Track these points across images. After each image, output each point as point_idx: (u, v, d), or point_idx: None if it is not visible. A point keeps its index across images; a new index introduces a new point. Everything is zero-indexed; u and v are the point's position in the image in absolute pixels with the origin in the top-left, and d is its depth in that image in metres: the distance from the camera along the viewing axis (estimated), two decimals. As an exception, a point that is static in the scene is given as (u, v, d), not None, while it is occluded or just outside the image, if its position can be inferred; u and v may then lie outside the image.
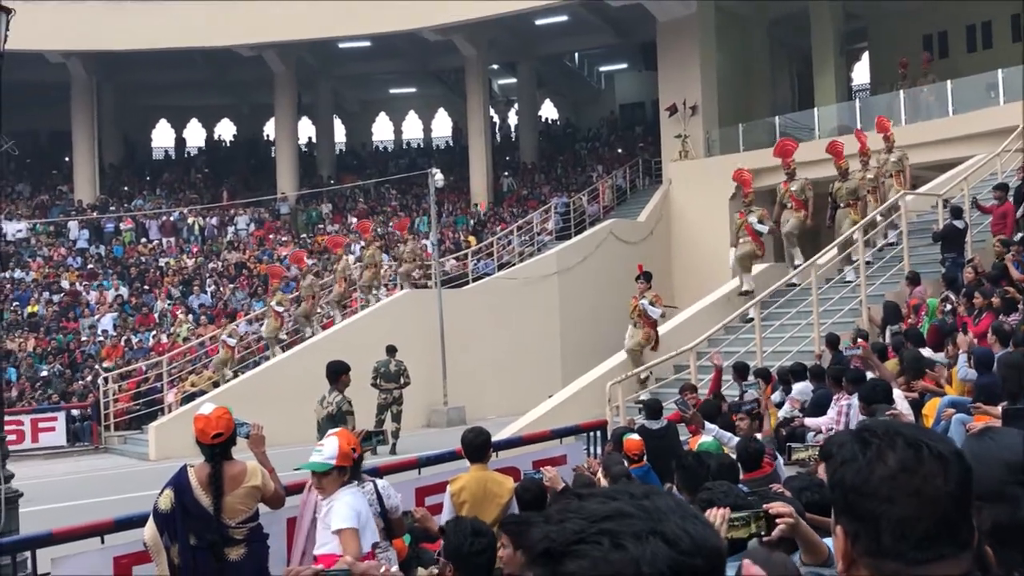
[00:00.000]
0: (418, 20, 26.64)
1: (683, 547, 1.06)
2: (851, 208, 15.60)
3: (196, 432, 5.20)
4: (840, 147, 16.38)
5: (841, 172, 15.85)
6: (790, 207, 16.00)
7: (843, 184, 15.84)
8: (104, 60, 29.38)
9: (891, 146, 16.19)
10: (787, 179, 16.19)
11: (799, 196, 15.96)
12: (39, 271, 26.30)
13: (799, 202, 15.94)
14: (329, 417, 9.15)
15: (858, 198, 15.74)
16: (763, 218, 15.78)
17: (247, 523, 5.25)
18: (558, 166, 31.71)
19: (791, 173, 16.09)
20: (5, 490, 8.12)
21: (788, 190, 16.09)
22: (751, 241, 15.69)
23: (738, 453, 6.15)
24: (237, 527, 5.20)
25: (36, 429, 20.20)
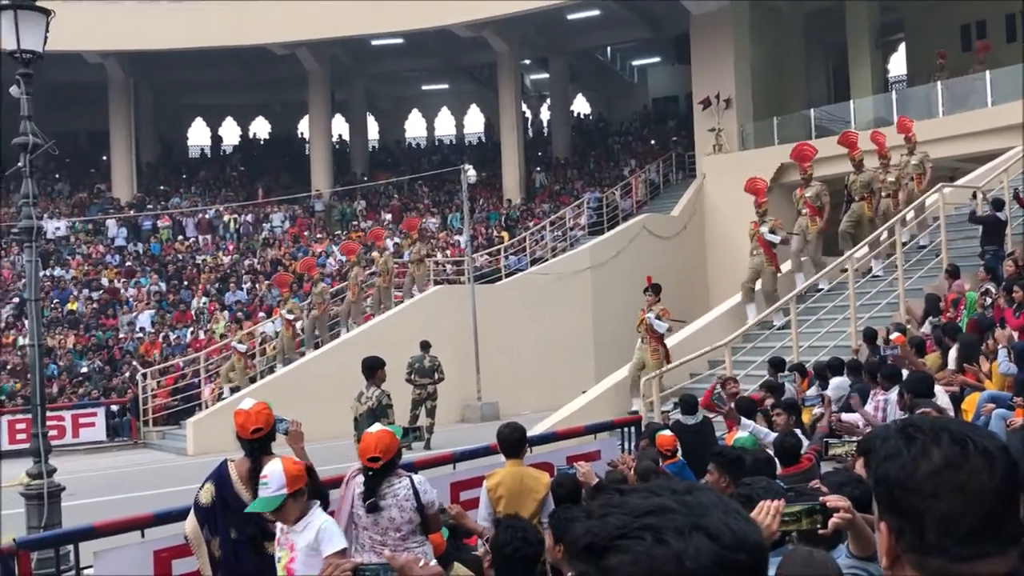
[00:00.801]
0: (450, 17, 26.69)
1: (726, 542, 1.05)
2: (866, 202, 15.31)
3: (236, 427, 5.24)
4: (854, 138, 16.11)
5: (855, 164, 15.56)
6: (804, 214, 15.46)
7: (857, 177, 15.53)
8: (141, 60, 29.72)
9: (912, 147, 15.81)
10: (803, 184, 15.71)
11: (814, 202, 15.39)
12: (78, 269, 26.68)
13: (814, 208, 15.36)
14: (369, 411, 9.19)
15: (872, 191, 15.42)
16: (776, 228, 15.12)
17: None
18: (591, 161, 31.63)
19: (807, 178, 15.64)
20: (48, 484, 8.26)
21: (803, 196, 15.58)
22: (763, 253, 15.01)
23: (775, 448, 6.11)
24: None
25: (76, 424, 20.51)
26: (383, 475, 5.03)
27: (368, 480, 5.02)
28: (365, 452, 5.03)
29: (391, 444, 5.02)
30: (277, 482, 4.33)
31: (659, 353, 13.48)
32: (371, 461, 5.01)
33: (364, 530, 5.09)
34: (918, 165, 15.64)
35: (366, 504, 5.01)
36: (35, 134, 8.67)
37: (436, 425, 16.75)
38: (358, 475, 5.19)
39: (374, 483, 5.02)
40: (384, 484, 5.02)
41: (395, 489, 5.03)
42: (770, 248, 14.95)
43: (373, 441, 5.03)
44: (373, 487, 5.01)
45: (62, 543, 6.61)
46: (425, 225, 28.36)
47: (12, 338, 23.65)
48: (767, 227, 14.97)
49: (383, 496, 5.00)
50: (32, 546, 6.27)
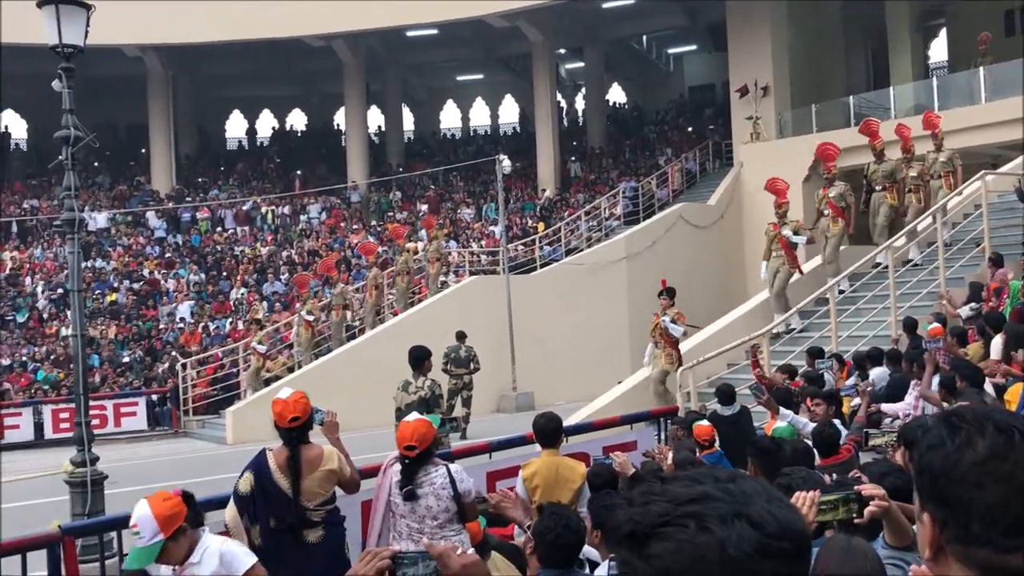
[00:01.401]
0: (484, 7, 26.67)
1: (769, 530, 1.05)
2: (887, 192, 14.91)
3: (274, 416, 5.29)
4: (875, 127, 15.70)
5: (876, 153, 15.17)
6: (827, 214, 14.94)
7: (878, 166, 15.11)
8: (179, 53, 30.01)
9: (940, 144, 15.21)
10: (826, 184, 15.23)
11: (838, 203, 14.84)
12: (119, 260, 27.04)
13: (837, 209, 14.81)
14: (421, 401, 9.20)
15: (895, 181, 14.97)
16: (799, 229, 14.65)
17: (324, 506, 5.34)
18: (626, 150, 31.49)
19: (831, 178, 15.16)
20: (91, 472, 8.40)
21: (826, 196, 15.01)
22: (784, 255, 14.50)
23: (813, 438, 6.05)
24: (315, 510, 5.29)
25: (118, 414, 20.82)
26: (420, 463, 5.07)
27: (405, 468, 5.06)
28: (402, 440, 5.06)
29: (427, 433, 5.06)
30: (149, 529, 3.89)
31: (673, 357, 13.10)
32: (407, 449, 5.04)
33: (401, 518, 5.13)
34: (947, 163, 15.03)
35: (403, 492, 5.04)
36: (76, 127, 8.79)
37: (472, 415, 16.80)
38: (395, 464, 5.22)
39: (411, 471, 5.05)
40: (421, 472, 5.05)
41: (432, 477, 5.07)
42: (791, 250, 14.53)
43: (410, 430, 5.06)
44: (410, 475, 5.04)
45: (106, 530, 6.72)
46: (460, 215, 28.45)
47: (55, 328, 24.04)
48: (789, 229, 14.53)
49: (420, 484, 5.03)
50: (77, 532, 6.38)
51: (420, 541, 4.87)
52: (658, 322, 13.23)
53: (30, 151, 34.18)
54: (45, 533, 5.85)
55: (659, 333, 13.24)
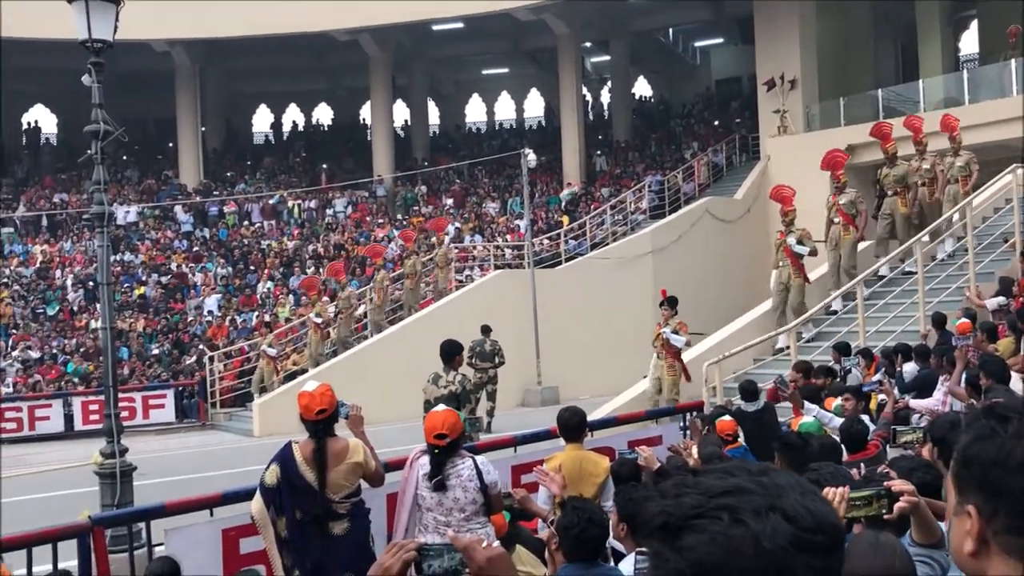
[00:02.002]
0: (511, 0, 26.63)
1: (804, 524, 1.05)
2: (899, 197, 14.55)
3: (300, 408, 5.32)
4: (887, 129, 15.28)
5: (888, 157, 14.80)
6: (838, 222, 14.44)
7: (890, 171, 14.72)
8: (206, 48, 30.19)
9: (958, 148, 14.80)
10: (836, 191, 14.62)
11: (848, 210, 14.34)
12: (147, 254, 27.29)
13: (848, 217, 14.33)
14: (452, 395, 9.23)
15: (907, 186, 14.58)
16: (804, 238, 14.07)
17: (350, 498, 5.37)
18: (652, 144, 31.37)
19: (841, 185, 14.63)
20: (120, 464, 8.49)
21: (836, 203, 14.48)
22: (790, 265, 14.05)
23: (841, 434, 6.01)
24: (340, 502, 5.32)
25: (147, 406, 21.02)
26: (449, 454, 5.09)
27: (435, 458, 5.08)
28: (432, 430, 5.08)
29: (456, 423, 5.09)
30: None
31: (675, 369, 12.82)
32: (438, 438, 5.06)
33: (428, 511, 5.14)
34: (964, 167, 14.58)
35: (432, 483, 5.06)
36: (106, 122, 8.87)
37: (496, 409, 16.83)
38: (422, 456, 5.24)
39: (441, 461, 5.07)
40: (448, 464, 5.07)
41: (459, 469, 5.09)
42: (797, 259, 14.05)
43: (440, 419, 5.09)
44: (440, 465, 5.06)
45: (135, 520, 6.79)
46: (485, 210, 28.46)
47: (84, 322, 24.30)
48: (794, 237, 14.00)
49: (447, 476, 5.05)
50: (107, 523, 6.45)
51: (446, 533, 4.89)
52: (660, 332, 12.91)
53: (60, 145, 34.54)
54: (75, 523, 5.92)
55: (661, 344, 12.93)
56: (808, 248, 14.01)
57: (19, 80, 33.02)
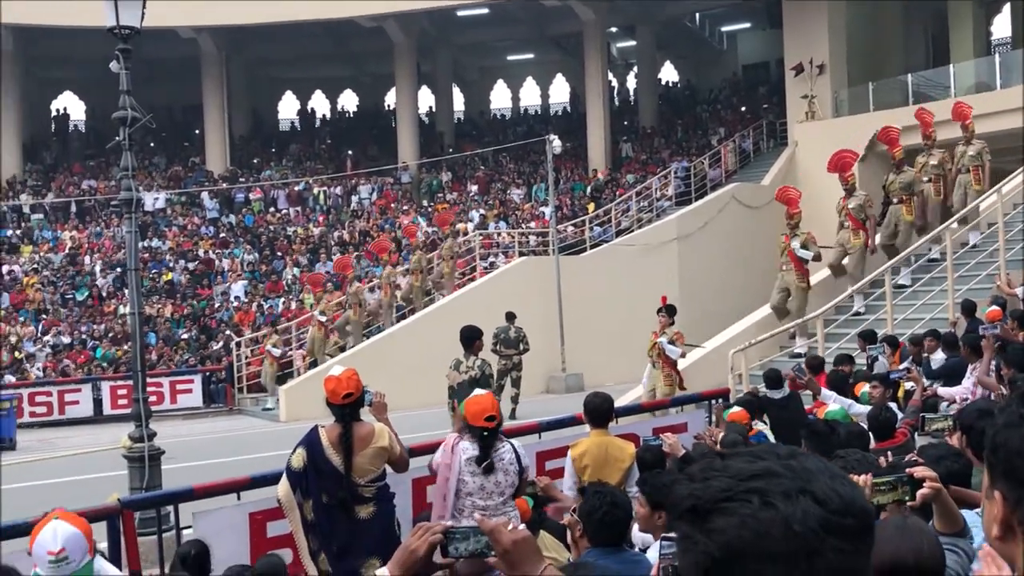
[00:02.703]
0: (536, -15, 26.53)
1: (833, 507, 1.04)
2: (904, 204, 14.22)
3: (327, 393, 5.35)
4: (894, 134, 14.79)
5: (895, 163, 14.43)
6: (847, 226, 14.17)
7: (896, 177, 14.34)
8: (232, 34, 30.30)
9: (970, 137, 14.53)
10: (845, 194, 14.31)
11: (858, 215, 14.04)
12: (175, 240, 27.49)
13: (858, 222, 14.03)
14: (472, 381, 9.26)
15: (913, 193, 14.24)
16: (808, 242, 13.75)
17: (375, 482, 5.40)
18: (678, 130, 31.19)
19: (850, 188, 14.29)
20: (149, 448, 8.57)
21: (846, 207, 14.17)
22: (794, 269, 13.73)
23: (869, 421, 5.97)
24: (366, 486, 5.35)
25: (174, 391, 21.23)
26: (495, 437, 5.17)
27: (484, 441, 5.12)
28: (482, 413, 5.13)
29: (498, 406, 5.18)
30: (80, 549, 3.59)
31: (672, 379, 12.40)
32: (488, 420, 5.12)
33: (468, 496, 5.19)
34: (975, 157, 14.28)
35: (482, 466, 5.11)
36: (134, 108, 8.92)
37: (521, 395, 16.84)
38: (462, 441, 5.26)
39: (489, 444, 5.13)
40: (492, 448, 5.17)
41: (501, 453, 5.18)
42: (802, 264, 13.71)
43: (488, 402, 5.16)
44: (488, 448, 5.12)
45: (163, 503, 6.87)
46: (510, 196, 28.43)
47: (113, 307, 24.54)
48: (799, 241, 13.69)
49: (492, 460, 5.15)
50: (135, 506, 6.52)
51: (473, 516, 4.92)
52: (656, 342, 12.51)
53: (88, 132, 34.82)
54: (105, 506, 5.98)
55: (656, 353, 12.52)
56: (813, 252, 13.66)
57: (48, 67, 33.37)
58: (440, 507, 5.24)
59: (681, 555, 1.08)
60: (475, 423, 5.16)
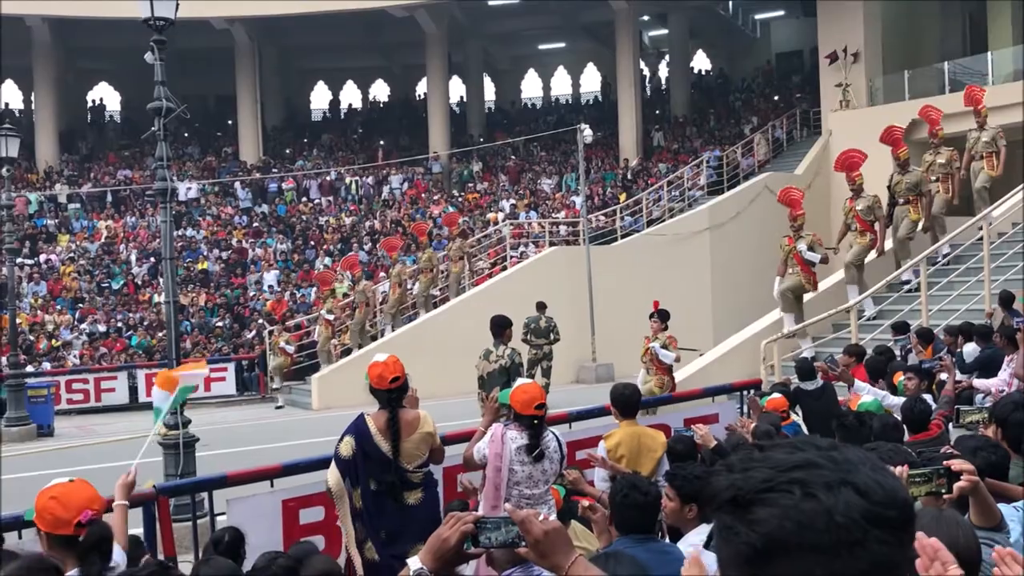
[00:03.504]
0: (567, -26, 26.42)
1: (876, 498, 1.04)
2: (911, 205, 13.77)
3: (372, 379, 5.36)
4: (898, 133, 14.37)
5: (900, 163, 13.95)
6: (855, 229, 13.70)
7: (902, 177, 13.87)
8: (265, 25, 30.46)
9: (983, 122, 14.13)
10: (852, 196, 13.82)
11: (866, 216, 13.55)
12: (208, 229, 27.74)
13: (865, 223, 13.53)
14: (503, 370, 9.27)
15: (920, 194, 13.76)
16: (814, 244, 13.18)
17: (422, 468, 5.46)
18: (710, 119, 30.98)
19: (857, 189, 13.71)
20: (183, 435, 8.67)
21: (853, 208, 13.69)
22: (800, 272, 13.18)
23: (903, 413, 5.91)
24: (414, 471, 5.39)
25: (208, 379, 21.39)
26: (544, 425, 5.24)
27: (534, 429, 5.17)
28: (532, 402, 5.18)
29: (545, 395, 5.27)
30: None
31: (665, 384, 12.24)
32: (538, 409, 5.15)
33: (516, 485, 5.22)
34: (990, 143, 13.90)
35: (533, 454, 5.15)
36: (168, 99, 9.00)
37: (551, 385, 16.83)
38: (509, 431, 5.28)
39: (539, 432, 5.19)
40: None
41: (546, 441, 5.23)
42: (809, 267, 13.15)
43: (537, 391, 5.22)
44: (539, 436, 5.17)
45: (198, 490, 6.95)
46: (540, 186, 28.39)
47: (148, 296, 24.81)
48: (804, 243, 13.10)
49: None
50: (170, 492, 6.60)
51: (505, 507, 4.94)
52: (648, 347, 12.27)
53: (123, 122, 35.18)
54: (141, 492, 6.05)
55: (649, 358, 12.27)
56: (820, 255, 13.21)
57: (84, 58, 33.75)
58: (493, 497, 5.24)
59: (722, 545, 1.09)
60: (524, 412, 5.19)
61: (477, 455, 5.49)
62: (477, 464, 5.50)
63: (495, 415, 5.59)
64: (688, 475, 4.16)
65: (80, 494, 3.55)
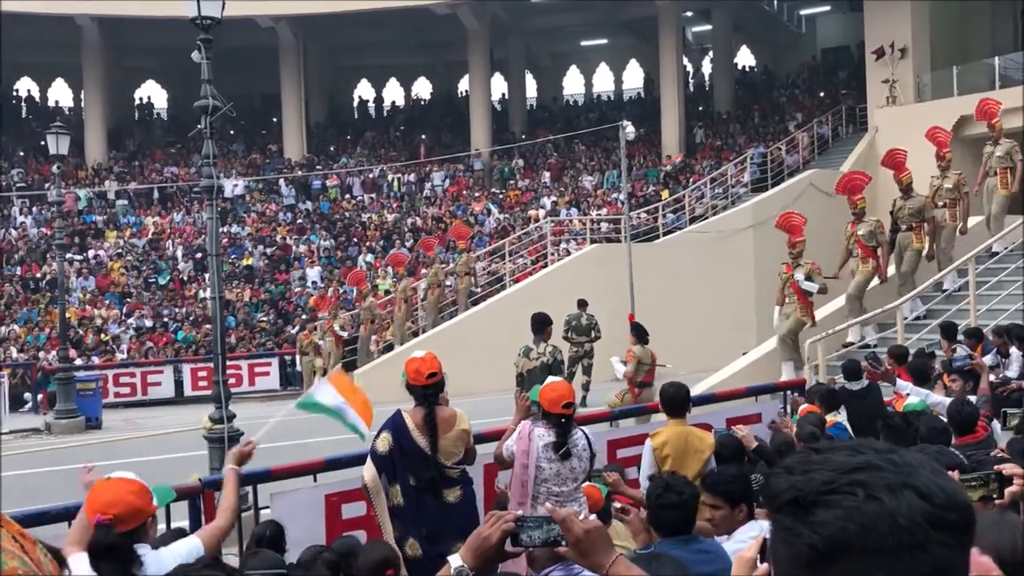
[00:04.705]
0: (610, -30, 26.31)
1: (938, 501, 1.04)
2: (914, 232, 13.20)
3: (410, 374, 5.38)
4: (901, 158, 13.76)
5: (903, 188, 13.36)
6: (856, 255, 13.03)
7: (905, 203, 13.29)
8: (309, 23, 30.70)
9: (998, 137, 13.60)
10: (854, 219, 13.12)
11: (868, 242, 12.86)
12: (253, 226, 28.05)
13: (868, 250, 12.88)
14: (544, 367, 9.28)
15: (923, 220, 13.17)
16: (812, 273, 12.45)
17: (460, 464, 5.47)
18: (754, 115, 30.71)
19: (859, 213, 13.06)
20: (228, 429, 8.78)
21: (855, 233, 13.03)
22: (797, 301, 12.49)
23: (949, 415, 5.82)
24: (452, 467, 5.41)
25: (253, 373, 21.71)
26: (572, 423, 5.24)
27: (561, 428, 5.18)
28: (560, 400, 5.19)
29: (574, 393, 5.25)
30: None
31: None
32: (566, 408, 5.17)
33: (544, 482, 5.23)
34: (1004, 157, 13.38)
35: (560, 453, 5.16)
36: (214, 97, 9.11)
37: (592, 383, 16.81)
38: (537, 428, 5.29)
39: (567, 431, 5.20)
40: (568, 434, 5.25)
41: (575, 439, 5.23)
42: (806, 296, 12.48)
43: (565, 389, 5.24)
44: (565, 435, 5.18)
45: (242, 484, 7.00)
46: (582, 183, 28.33)
47: (194, 291, 25.16)
48: (802, 272, 12.44)
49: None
50: (216, 486, 6.67)
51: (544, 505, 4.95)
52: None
53: (170, 120, 35.68)
54: (186, 485, 6.15)
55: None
56: (819, 284, 12.53)
57: (132, 57, 34.26)
58: (520, 494, 5.25)
59: (782, 547, 1.09)
60: (552, 410, 5.19)
61: (506, 452, 5.52)
62: (507, 461, 5.52)
63: (526, 412, 5.61)
64: (730, 477, 4.13)
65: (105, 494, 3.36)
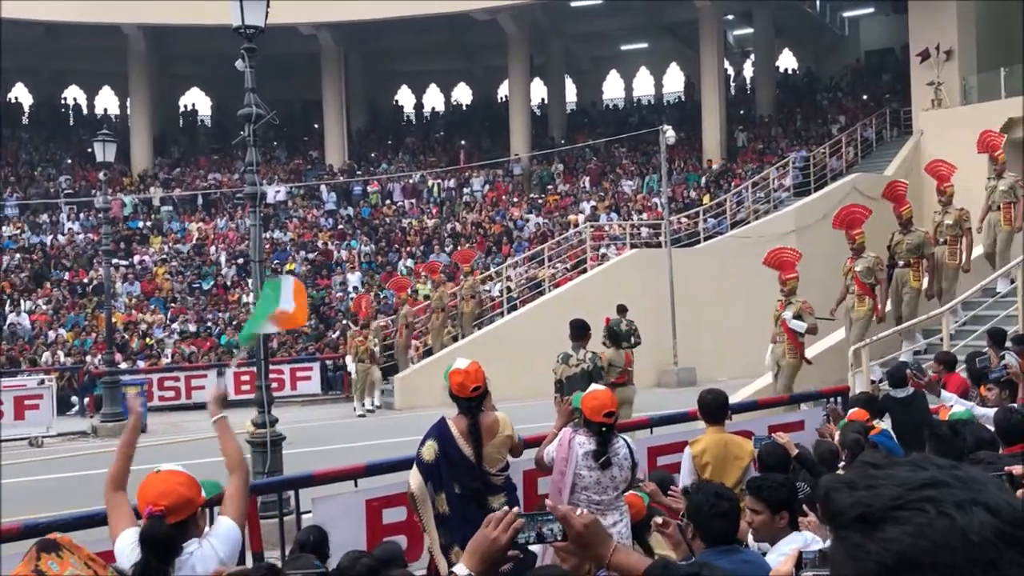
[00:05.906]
0: (650, -26, 26.23)
1: (1007, 518, 1.02)
2: (912, 269, 12.84)
3: (454, 387, 5.39)
4: (901, 191, 13.45)
5: (902, 222, 13.00)
6: (853, 292, 12.63)
7: (904, 237, 12.90)
8: (351, 30, 30.96)
9: (1001, 170, 13.29)
10: (853, 254, 12.74)
11: (865, 279, 12.48)
12: (295, 231, 28.31)
13: (865, 287, 12.48)
14: (584, 373, 9.26)
15: (922, 256, 12.83)
16: (802, 312, 12.01)
17: (503, 471, 5.49)
18: (797, 119, 30.43)
19: (857, 248, 12.67)
20: (271, 433, 8.87)
21: (852, 269, 12.64)
22: (787, 340, 12.11)
23: (996, 424, 5.71)
24: (496, 474, 5.42)
25: (294, 378, 21.87)
26: (613, 432, 5.23)
27: (602, 436, 5.17)
28: (602, 408, 5.19)
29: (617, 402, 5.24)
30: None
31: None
32: (607, 416, 5.16)
33: (583, 490, 5.23)
34: (1007, 192, 13.05)
35: (600, 461, 5.16)
36: (258, 105, 9.22)
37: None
38: (578, 436, 5.29)
39: (607, 439, 5.19)
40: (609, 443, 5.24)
41: (616, 448, 5.21)
42: (795, 336, 12.08)
43: (607, 397, 5.22)
44: (606, 443, 5.17)
45: (284, 488, 7.09)
46: (622, 187, 28.24)
47: (237, 296, 25.43)
48: (792, 311, 12.04)
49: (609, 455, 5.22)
50: (258, 490, 6.75)
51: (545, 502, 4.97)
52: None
53: (214, 127, 36.13)
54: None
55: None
56: (808, 324, 12.05)
57: (177, 64, 34.77)
58: (556, 500, 5.25)
59: (846, 563, 1.07)
60: (594, 418, 5.18)
61: (547, 457, 5.52)
62: (548, 466, 5.52)
63: (568, 418, 5.60)
64: (775, 483, 4.09)
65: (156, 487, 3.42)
